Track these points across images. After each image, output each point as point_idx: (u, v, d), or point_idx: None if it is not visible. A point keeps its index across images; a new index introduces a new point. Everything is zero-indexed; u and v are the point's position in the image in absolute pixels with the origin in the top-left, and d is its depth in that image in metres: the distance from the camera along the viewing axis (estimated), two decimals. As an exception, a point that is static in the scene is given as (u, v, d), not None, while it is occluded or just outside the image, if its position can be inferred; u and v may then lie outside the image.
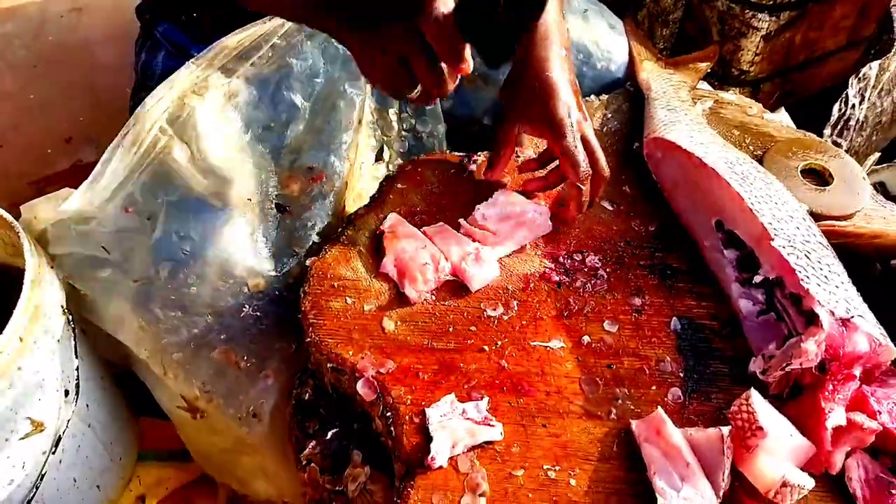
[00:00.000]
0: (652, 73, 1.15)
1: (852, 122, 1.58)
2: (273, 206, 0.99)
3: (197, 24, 1.03)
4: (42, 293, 0.85)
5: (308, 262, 0.90)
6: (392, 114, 1.12)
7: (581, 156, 0.88)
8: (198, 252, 0.90)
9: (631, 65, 1.18)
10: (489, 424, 0.76)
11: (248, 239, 0.94)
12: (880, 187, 1.45)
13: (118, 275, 0.89)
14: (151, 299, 0.89)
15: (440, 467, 0.73)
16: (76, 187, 0.90)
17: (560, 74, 0.90)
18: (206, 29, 1.02)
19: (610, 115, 1.11)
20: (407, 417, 0.77)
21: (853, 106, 1.55)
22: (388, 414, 0.77)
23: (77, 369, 0.92)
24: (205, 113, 0.95)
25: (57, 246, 0.88)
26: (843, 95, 1.53)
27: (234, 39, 0.97)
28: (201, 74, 0.96)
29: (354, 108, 1.07)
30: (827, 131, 1.54)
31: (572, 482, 0.73)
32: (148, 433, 1.18)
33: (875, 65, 1.54)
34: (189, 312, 0.90)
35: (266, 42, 0.98)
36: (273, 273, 0.94)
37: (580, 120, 0.90)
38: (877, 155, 1.65)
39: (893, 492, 0.73)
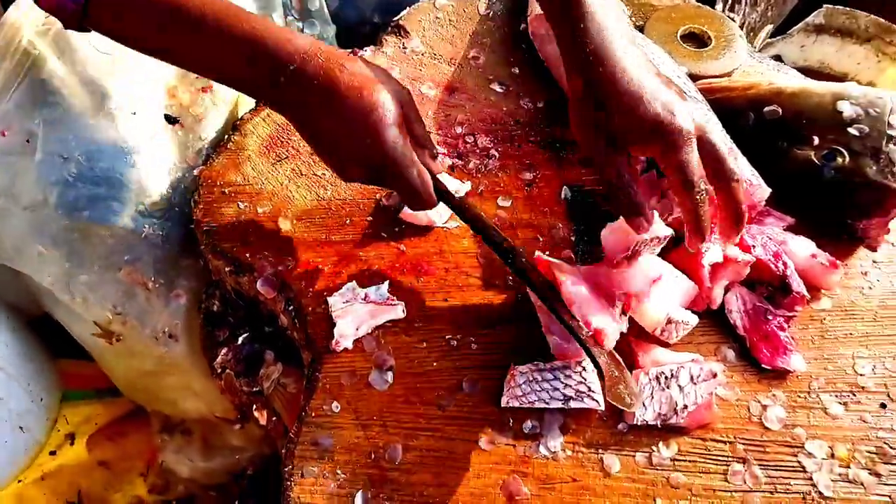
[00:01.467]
0: (534, -46, 1.13)
1: (744, -3, 1.60)
2: (162, 117, 0.95)
3: None
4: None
5: (196, 172, 0.88)
6: (276, 18, 1.08)
7: (695, 172, 0.67)
8: (85, 174, 0.87)
9: (513, -52, 1.16)
10: (391, 304, 0.77)
11: (137, 156, 0.91)
12: (776, 60, 1.48)
13: (8, 202, 0.86)
14: (46, 225, 0.86)
15: (346, 349, 0.75)
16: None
17: (633, 62, 0.68)
18: None
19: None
20: (310, 308, 0.78)
21: (743, -21, 1.57)
22: (291, 308, 0.78)
23: (-23, 311, 0.90)
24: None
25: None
26: (733, -31, 1.55)
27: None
28: None
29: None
30: (718, 7, 1.56)
31: (473, 346, 0.76)
32: (71, 374, 1.16)
33: (762, -65, 1.55)
34: (88, 235, 0.88)
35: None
36: (169, 189, 0.92)
37: (694, 117, 0.68)
38: (770, 27, 1.68)
39: (769, 317, 0.78)
